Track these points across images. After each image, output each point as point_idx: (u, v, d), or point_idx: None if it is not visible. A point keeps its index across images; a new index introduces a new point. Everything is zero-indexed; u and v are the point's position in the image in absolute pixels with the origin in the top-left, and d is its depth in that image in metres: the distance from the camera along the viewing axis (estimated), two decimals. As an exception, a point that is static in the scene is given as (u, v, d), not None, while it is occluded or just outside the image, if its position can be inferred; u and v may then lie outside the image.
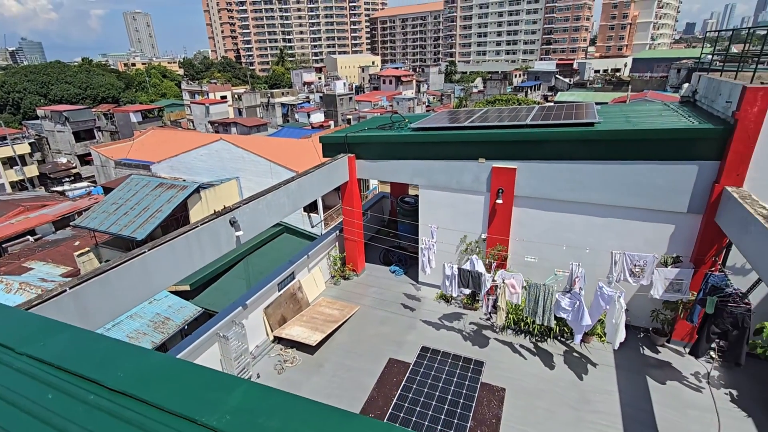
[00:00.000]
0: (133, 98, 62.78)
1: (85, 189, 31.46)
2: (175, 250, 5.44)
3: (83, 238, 19.12)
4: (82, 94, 58.94)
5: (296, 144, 24.74)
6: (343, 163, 9.34)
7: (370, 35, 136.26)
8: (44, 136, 41.81)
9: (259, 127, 38.85)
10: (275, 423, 1.81)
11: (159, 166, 23.64)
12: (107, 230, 16.14)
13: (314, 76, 75.81)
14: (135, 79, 73.01)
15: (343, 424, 1.78)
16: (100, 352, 2.39)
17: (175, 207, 16.55)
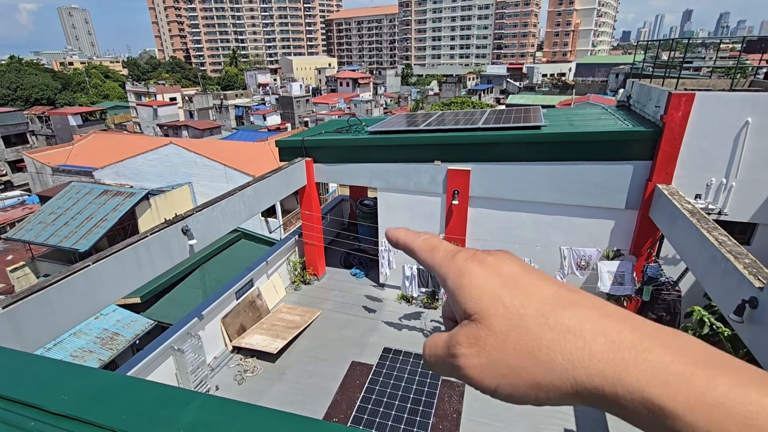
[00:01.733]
0: (71, 100, 58.51)
1: (18, 198, 28.92)
2: (123, 262, 5.17)
3: (17, 252, 17.61)
4: (11, 95, 54.20)
5: (252, 147, 24.13)
6: (300, 167, 9.25)
7: (326, 37, 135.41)
8: (-33, 142, 37.99)
9: (212, 130, 37.51)
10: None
11: (102, 172, 22.22)
12: (45, 242, 14.95)
13: (269, 78, 74.18)
14: (73, 80, 68.08)
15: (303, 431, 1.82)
16: (39, 375, 2.26)
17: (122, 215, 15.62)
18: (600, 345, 0.29)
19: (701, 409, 0.25)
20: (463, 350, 0.34)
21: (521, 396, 0.32)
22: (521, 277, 0.35)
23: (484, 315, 0.33)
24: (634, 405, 0.27)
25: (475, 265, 0.37)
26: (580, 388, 0.29)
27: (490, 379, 0.33)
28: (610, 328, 0.30)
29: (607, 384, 0.28)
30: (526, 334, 0.31)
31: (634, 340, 0.29)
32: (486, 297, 0.34)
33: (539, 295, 0.33)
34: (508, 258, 0.38)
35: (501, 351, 0.32)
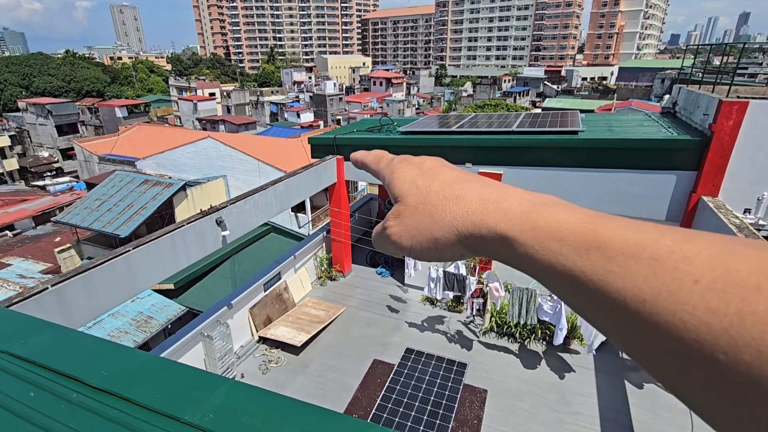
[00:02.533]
0: (118, 93, 61.65)
1: (67, 184, 30.77)
2: (160, 249, 5.41)
3: (64, 234, 18.72)
4: (65, 87, 57.65)
5: (285, 143, 24.63)
6: (331, 164, 9.37)
7: (362, 36, 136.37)
8: (25, 129, 40.75)
9: (248, 126, 38.55)
10: (258, 422, 1.85)
11: (144, 163, 23.29)
12: (90, 227, 15.83)
13: (304, 76, 75.50)
14: (121, 74, 71.68)
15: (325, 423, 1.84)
16: (82, 351, 2.40)
17: (160, 204, 16.32)
18: (475, 204, 0.38)
19: (529, 231, 0.34)
20: (390, 222, 0.45)
21: (426, 250, 0.42)
22: (435, 168, 0.46)
23: (404, 195, 0.44)
24: (493, 241, 0.36)
25: (404, 164, 0.48)
26: (461, 236, 0.38)
27: (406, 240, 0.43)
28: (485, 192, 0.39)
29: (476, 228, 0.37)
30: (429, 204, 0.41)
31: (498, 197, 0.38)
32: (407, 183, 0.45)
33: (443, 178, 0.43)
34: (432, 158, 0.49)
35: (412, 218, 0.42)
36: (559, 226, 0.32)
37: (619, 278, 0.27)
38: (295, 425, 1.91)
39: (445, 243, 0.40)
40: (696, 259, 0.25)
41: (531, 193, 0.39)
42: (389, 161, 0.52)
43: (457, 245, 0.40)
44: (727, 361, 0.22)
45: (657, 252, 0.27)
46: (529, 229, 0.34)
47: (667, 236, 0.27)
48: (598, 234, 0.30)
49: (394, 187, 0.47)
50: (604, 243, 0.29)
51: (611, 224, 0.31)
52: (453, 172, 0.45)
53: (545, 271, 0.32)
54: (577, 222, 0.32)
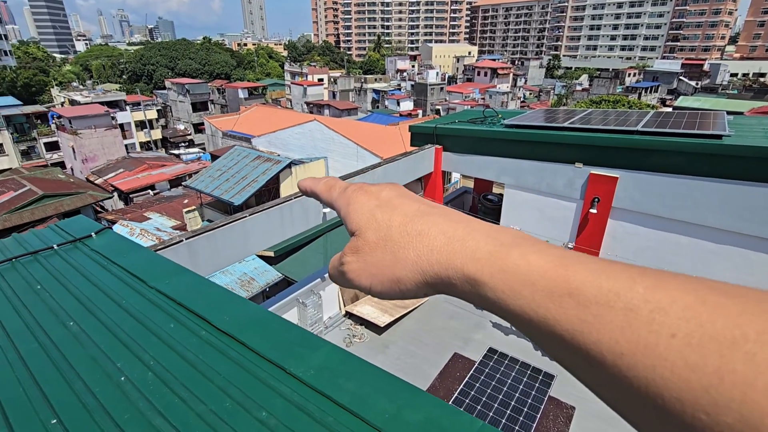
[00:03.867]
0: (242, 76, 68.69)
1: (196, 154, 35.45)
2: (270, 219, 5.96)
3: (191, 197, 21.66)
4: (201, 69, 65.95)
5: (383, 130, 25.23)
6: (429, 153, 9.35)
7: (470, 24, 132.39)
8: (169, 105, 47.71)
9: (350, 111, 40.22)
10: (352, 385, 1.96)
11: (259, 140, 25.73)
12: (211, 193, 18.08)
13: (408, 64, 76.02)
14: (245, 59, 79.64)
15: (412, 398, 1.88)
16: (211, 296, 2.76)
17: (269, 179, 17.96)
18: (439, 241, 0.36)
19: (499, 274, 0.32)
20: (347, 258, 0.42)
21: (388, 290, 0.39)
22: (394, 198, 0.43)
23: (362, 230, 0.41)
24: (461, 282, 0.34)
25: (360, 194, 0.44)
26: (426, 276, 0.36)
27: (365, 279, 0.40)
28: (449, 228, 0.37)
29: (442, 269, 0.35)
30: (390, 241, 0.39)
31: (464, 234, 0.36)
32: (364, 216, 0.42)
33: (404, 211, 0.40)
34: (389, 186, 0.45)
35: (372, 255, 0.40)
36: (529, 270, 0.31)
37: (594, 329, 0.26)
38: (386, 396, 1.97)
39: (408, 283, 0.38)
40: (671, 309, 0.24)
41: (496, 229, 0.36)
42: (342, 190, 0.48)
43: (422, 285, 0.37)
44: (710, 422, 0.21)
45: (631, 301, 0.26)
46: (498, 271, 0.32)
47: (640, 282, 0.26)
48: (569, 279, 0.29)
49: (351, 220, 0.43)
50: (577, 290, 0.28)
51: (582, 268, 0.29)
52: (413, 203, 0.42)
53: (518, 318, 0.31)
54: (547, 265, 0.30)
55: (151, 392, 2.05)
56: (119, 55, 75.17)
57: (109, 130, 31.72)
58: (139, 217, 17.79)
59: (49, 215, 18.77)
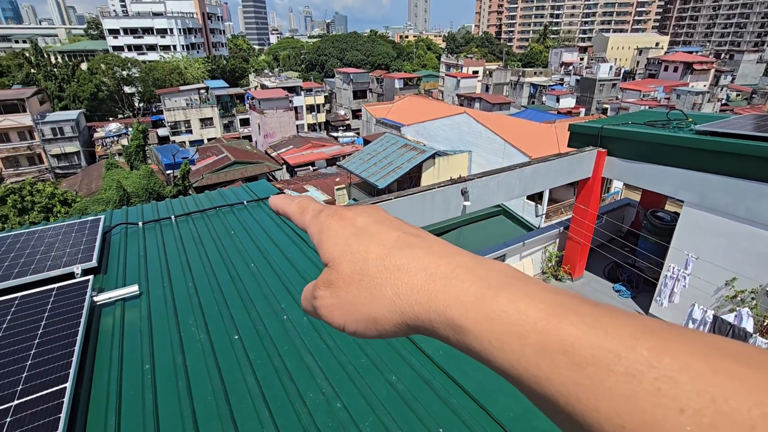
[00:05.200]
0: (399, 67, 72.04)
1: (351, 138, 38.89)
2: (413, 204, 6.21)
3: (343, 177, 23.94)
4: (365, 60, 71.42)
5: (536, 128, 23.55)
6: (589, 157, 8.41)
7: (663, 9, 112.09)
8: (334, 92, 53.20)
9: (502, 106, 38.63)
10: (479, 375, 1.95)
11: (407, 129, 26.79)
12: (359, 174, 19.67)
13: (575, 57, 68.80)
14: (405, 50, 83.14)
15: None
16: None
17: (412, 167, 18.63)
18: (420, 279, 0.32)
19: (485, 322, 0.28)
20: (320, 292, 0.38)
21: (363, 330, 0.35)
22: (371, 226, 0.38)
23: (336, 261, 0.37)
24: (443, 327, 0.31)
25: (334, 220, 0.40)
26: (405, 317, 0.33)
27: (339, 317, 0.36)
28: (431, 263, 0.33)
29: (422, 310, 0.32)
30: (366, 275, 0.35)
31: (447, 272, 0.32)
32: (339, 246, 0.37)
33: (382, 240, 0.36)
34: (366, 211, 0.40)
35: (347, 291, 0.36)
36: (519, 319, 0.27)
37: (592, 395, 0.23)
38: (513, 395, 1.87)
39: (386, 323, 0.34)
40: (679, 379, 0.21)
41: (483, 265, 0.32)
42: (315, 214, 0.42)
43: (402, 326, 0.34)
44: None
45: (633, 365, 0.23)
46: (484, 319, 0.29)
47: (643, 342, 0.23)
48: (563, 334, 0.25)
49: (324, 249, 0.39)
50: (572, 347, 0.25)
51: (578, 321, 0.26)
52: (392, 231, 0.37)
53: (505, 373, 0.28)
54: (539, 314, 0.27)
55: (305, 333, 2.39)
56: (301, 47, 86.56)
57: (286, 111, 37.09)
58: (299, 188, 20.50)
59: (236, 178, 23.06)
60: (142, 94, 45.86)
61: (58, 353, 2.08)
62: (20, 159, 32.28)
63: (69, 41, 76.11)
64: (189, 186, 22.20)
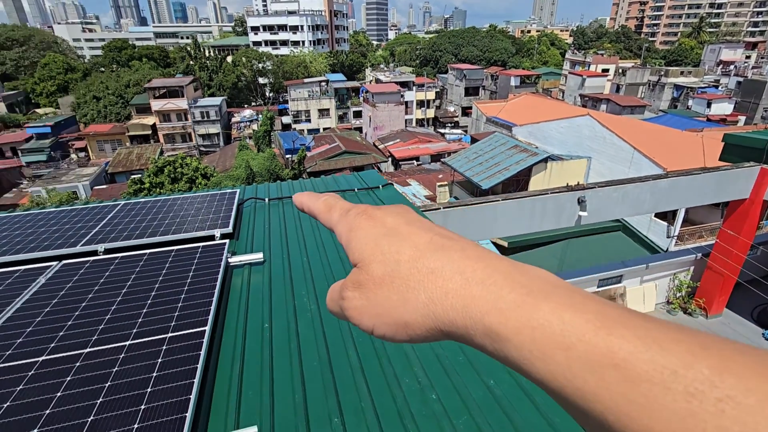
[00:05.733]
0: (517, 63, 68.45)
1: (458, 135, 38.32)
2: (521, 208, 5.90)
3: (445, 174, 23.78)
4: (481, 56, 69.41)
5: (676, 136, 20.41)
6: (748, 174, 7.03)
7: None
8: (446, 88, 52.83)
9: (634, 109, 34.32)
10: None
11: (519, 129, 25.43)
12: (463, 173, 19.31)
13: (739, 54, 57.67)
14: (525, 46, 78.64)
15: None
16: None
17: (520, 170, 17.67)
18: (455, 283, 0.31)
19: (526, 331, 0.27)
20: (348, 293, 0.37)
21: (393, 334, 0.34)
22: (402, 226, 0.37)
23: (366, 262, 0.36)
24: (480, 334, 0.30)
25: (363, 219, 0.39)
26: (439, 322, 0.32)
27: (368, 319, 0.35)
28: (467, 267, 0.32)
29: (459, 317, 0.30)
30: (398, 278, 0.34)
31: (484, 276, 0.31)
32: (368, 246, 0.37)
33: (414, 242, 0.35)
34: (396, 211, 0.40)
35: (377, 293, 0.35)
36: (564, 330, 0.26)
37: (646, 413, 0.22)
38: None
39: (418, 328, 0.33)
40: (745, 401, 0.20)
41: (522, 270, 0.31)
42: (343, 213, 0.41)
43: (435, 332, 0.32)
44: None
45: (693, 384, 0.21)
46: (525, 327, 0.27)
47: (702, 359, 0.22)
48: (614, 347, 0.24)
49: (354, 249, 0.38)
50: (624, 361, 0.23)
51: (628, 334, 0.24)
52: (424, 233, 0.36)
53: (547, 385, 0.27)
54: (586, 326, 0.26)
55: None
56: (417, 43, 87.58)
57: (397, 105, 38.01)
58: (402, 181, 20.93)
59: (344, 167, 24.44)
60: (273, 85, 51.16)
61: (200, 300, 2.46)
62: (176, 136, 38.57)
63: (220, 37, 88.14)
64: (303, 170, 24.23)
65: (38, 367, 1.94)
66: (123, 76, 44.29)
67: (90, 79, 46.17)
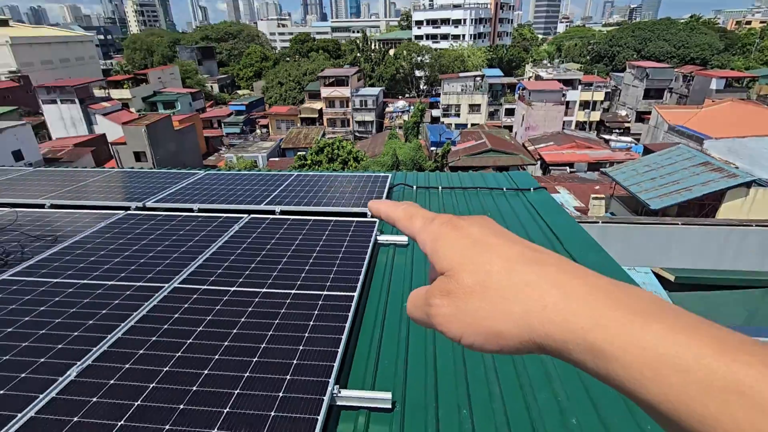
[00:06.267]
0: (725, 62, 55.67)
1: (627, 144, 33.39)
2: (708, 238, 4.87)
3: (603, 185, 21.10)
4: (672, 53, 58.54)
5: None
6: None
7: None
8: (619, 89, 46.34)
9: None
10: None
11: (714, 143, 20.82)
12: (627, 187, 16.80)
13: None
14: (740, 41, 63.34)
15: None
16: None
17: (708, 192, 14.52)
18: (553, 297, 0.31)
19: (635, 351, 0.27)
20: (436, 300, 0.37)
21: (482, 343, 0.35)
22: (488, 237, 0.38)
23: (456, 271, 0.36)
24: (581, 350, 0.29)
25: (449, 229, 0.40)
26: (534, 335, 0.32)
27: (456, 328, 0.36)
28: (564, 282, 0.32)
29: (557, 331, 0.30)
30: (490, 288, 0.34)
31: (584, 292, 0.31)
32: (456, 255, 0.37)
33: (504, 253, 0.36)
34: (479, 222, 0.40)
35: (467, 302, 0.35)
36: (679, 352, 0.25)
37: None
38: None
39: (510, 339, 0.33)
40: None
41: (621, 288, 0.31)
42: (428, 221, 0.42)
43: (529, 344, 0.32)
44: None
45: None
46: (635, 348, 0.27)
47: None
48: (738, 374, 0.23)
49: (440, 257, 0.38)
50: (750, 389, 0.23)
51: (754, 361, 0.24)
52: (513, 245, 0.37)
53: (658, 407, 0.26)
54: (704, 351, 0.25)
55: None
56: (591, 36, 78.50)
57: (555, 105, 34.99)
58: (550, 188, 19.32)
59: (488, 165, 23.72)
60: (428, 77, 52.43)
61: (351, 268, 2.72)
62: (336, 121, 42.86)
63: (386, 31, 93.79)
64: (446, 164, 24.38)
65: (230, 295, 2.42)
66: (302, 65, 51.05)
67: (278, 67, 54.45)
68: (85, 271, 2.68)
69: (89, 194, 4.21)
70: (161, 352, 1.94)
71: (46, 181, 4.67)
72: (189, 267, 2.73)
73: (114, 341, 2.01)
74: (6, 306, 2.31)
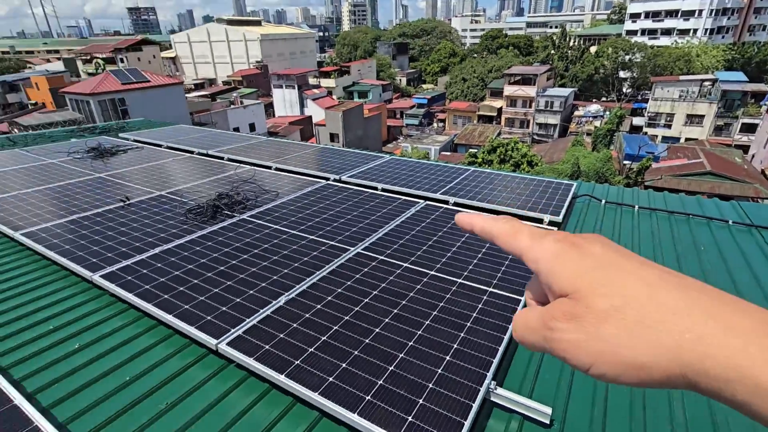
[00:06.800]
0: None
1: None
2: None
3: None
4: None
5: None
6: None
7: None
8: None
9: None
10: None
11: None
12: None
13: None
14: None
15: None
16: None
17: None
18: (710, 328, 0.28)
19: None
20: (561, 324, 0.34)
21: (617, 375, 0.32)
22: (618, 259, 0.35)
23: (583, 294, 0.33)
24: (748, 392, 0.26)
25: (568, 246, 0.37)
26: (687, 369, 0.28)
27: (586, 355, 0.33)
28: (720, 311, 0.29)
29: (717, 366, 0.27)
30: (629, 315, 0.31)
31: (748, 327, 0.28)
32: (582, 277, 0.34)
33: (643, 277, 0.33)
34: (600, 240, 0.37)
35: (599, 328, 0.32)
36: None
37: None
38: None
39: (656, 372, 0.29)
40: None
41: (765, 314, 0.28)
42: (536, 237, 0.38)
43: (676, 378, 0.29)
44: None
45: None
46: None
47: None
48: None
49: (562, 278, 0.35)
50: None
51: None
52: (650, 268, 0.33)
53: None
54: None
55: None
56: None
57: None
58: None
59: (701, 191, 19.22)
60: (635, 80, 45.09)
61: (519, 272, 2.62)
62: (515, 121, 40.99)
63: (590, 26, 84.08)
64: (641, 182, 20.83)
65: (403, 270, 2.63)
66: (489, 62, 50.22)
67: (464, 63, 54.93)
68: (295, 223, 3.31)
69: (301, 163, 5.12)
70: (344, 302, 2.26)
71: (273, 148, 5.88)
72: (371, 237, 3.08)
73: (311, 284, 2.44)
74: (245, 238, 3.04)
